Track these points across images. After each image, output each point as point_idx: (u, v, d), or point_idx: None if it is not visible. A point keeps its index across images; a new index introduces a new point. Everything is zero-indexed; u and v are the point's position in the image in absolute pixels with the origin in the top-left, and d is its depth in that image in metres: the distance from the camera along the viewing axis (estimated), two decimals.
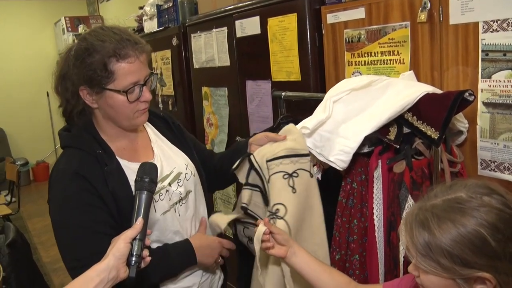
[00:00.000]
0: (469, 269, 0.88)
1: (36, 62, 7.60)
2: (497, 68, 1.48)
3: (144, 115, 1.44)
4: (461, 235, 0.88)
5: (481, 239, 0.87)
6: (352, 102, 1.51)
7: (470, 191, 0.94)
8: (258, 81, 2.50)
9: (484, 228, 0.87)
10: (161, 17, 3.68)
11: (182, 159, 1.59)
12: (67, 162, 1.38)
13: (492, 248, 0.87)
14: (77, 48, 1.35)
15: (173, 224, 1.50)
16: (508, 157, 1.50)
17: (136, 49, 1.34)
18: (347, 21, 1.95)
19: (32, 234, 5.41)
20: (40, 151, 7.79)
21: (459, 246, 0.88)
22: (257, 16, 2.39)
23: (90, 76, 1.32)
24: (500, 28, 1.44)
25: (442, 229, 0.90)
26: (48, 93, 7.67)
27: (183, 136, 1.68)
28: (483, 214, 0.89)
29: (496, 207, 0.90)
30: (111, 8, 6.98)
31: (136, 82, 1.36)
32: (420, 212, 0.95)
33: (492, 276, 0.87)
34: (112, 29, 1.37)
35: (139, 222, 1.16)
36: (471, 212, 0.90)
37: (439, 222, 0.91)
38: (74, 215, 1.31)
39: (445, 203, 0.94)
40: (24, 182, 7.21)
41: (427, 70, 1.68)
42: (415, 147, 1.45)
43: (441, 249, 0.90)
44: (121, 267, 1.11)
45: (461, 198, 0.93)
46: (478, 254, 0.87)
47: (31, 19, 7.58)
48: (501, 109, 1.49)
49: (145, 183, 1.22)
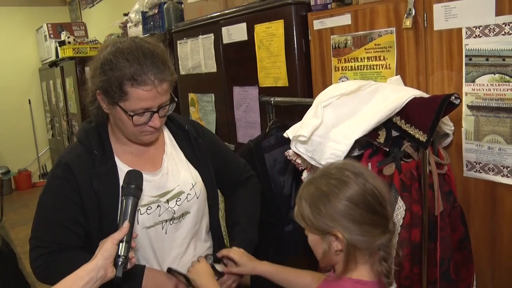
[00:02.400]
0: (326, 226, 1.08)
1: (18, 69, 7.49)
2: (480, 73, 1.52)
3: (151, 135, 1.43)
4: (313, 200, 1.10)
5: (326, 202, 1.08)
6: (341, 106, 1.54)
7: (338, 169, 1.13)
8: (245, 87, 2.52)
9: (332, 195, 1.07)
10: (146, 24, 3.69)
11: (191, 177, 1.54)
12: (68, 152, 1.47)
13: (337, 210, 1.06)
14: (106, 55, 1.34)
15: (156, 241, 1.47)
16: (492, 159, 1.55)
17: (156, 78, 1.31)
18: (333, 27, 1.98)
19: (16, 244, 5.32)
20: (22, 159, 7.66)
21: (314, 209, 1.09)
22: (244, 23, 2.42)
23: (106, 88, 1.33)
24: (482, 34, 1.49)
25: (306, 196, 1.12)
26: (30, 100, 7.59)
27: (201, 153, 1.60)
28: (336, 185, 1.08)
29: (347, 181, 1.09)
30: (94, 14, 6.94)
31: (148, 108, 1.34)
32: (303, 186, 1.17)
33: (341, 233, 1.06)
34: (142, 48, 1.33)
35: (125, 225, 1.23)
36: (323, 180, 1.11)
37: (306, 191, 1.13)
38: (49, 201, 1.42)
39: (315, 178, 1.15)
40: (6, 191, 7.09)
41: (413, 75, 1.72)
42: (404, 150, 1.48)
43: (306, 211, 1.10)
44: (108, 267, 1.18)
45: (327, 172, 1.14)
46: (329, 214, 1.07)
47: (12, 26, 7.48)
48: (484, 112, 1.54)
49: (131, 189, 1.28)
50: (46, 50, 6.86)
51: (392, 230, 1.09)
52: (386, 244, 1.09)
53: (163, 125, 1.48)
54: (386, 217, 1.08)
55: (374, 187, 1.08)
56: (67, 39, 5.54)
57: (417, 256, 1.47)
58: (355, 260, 1.09)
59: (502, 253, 1.59)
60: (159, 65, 1.32)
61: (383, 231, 1.07)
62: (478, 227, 1.64)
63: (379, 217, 1.07)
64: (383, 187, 1.10)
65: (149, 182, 1.45)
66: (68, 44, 5.54)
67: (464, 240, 1.59)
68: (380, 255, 1.09)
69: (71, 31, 6.48)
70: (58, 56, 6.06)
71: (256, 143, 2.01)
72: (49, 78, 6.64)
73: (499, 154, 1.53)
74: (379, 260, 1.09)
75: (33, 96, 7.66)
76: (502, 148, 1.51)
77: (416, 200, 1.46)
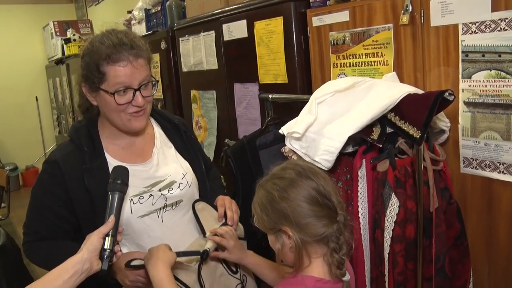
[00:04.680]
0: (275, 224, 1.12)
1: (25, 67, 7.56)
2: (476, 69, 1.52)
3: (138, 120, 1.47)
4: (262, 201, 1.15)
5: (271, 202, 1.12)
6: (336, 103, 1.54)
7: (281, 169, 1.18)
8: (246, 84, 2.53)
9: (276, 194, 1.12)
10: (149, 21, 3.70)
11: (181, 168, 1.60)
12: (58, 150, 1.54)
13: (282, 207, 1.10)
14: (84, 48, 1.45)
15: (152, 229, 1.50)
16: (489, 155, 1.54)
17: (130, 54, 1.38)
18: (332, 24, 1.98)
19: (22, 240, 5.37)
20: (30, 156, 7.73)
21: (264, 210, 1.14)
22: (244, 20, 2.42)
23: (86, 75, 1.41)
24: (479, 30, 1.48)
25: (257, 200, 1.17)
26: (37, 97, 7.65)
27: (192, 146, 1.69)
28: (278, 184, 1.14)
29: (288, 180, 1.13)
30: (100, 12, 6.97)
31: (127, 85, 1.39)
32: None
33: (289, 229, 1.10)
34: (117, 33, 1.43)
35: (111, 220, 1.26)
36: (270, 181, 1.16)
37: (257, 196, 1.18)
38: (38, 195, 1.51)
39: (263, 182, 1.19)
40: (14, 188, 7.15)
41: (410, 71, 1.72)
42: (398, 146, 1.48)
43: (259, 214, 1.16)
44: (94, 260, 1.20)
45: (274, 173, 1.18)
46: (275, 213, 1.12)
47: (19, 24, 7.54)
48: (481, 108, 1.53)
49: (117, 184, 1.31)
50: (53, 48, 6.92)
51: (341, 221, 1.12)
52: (336, 235, 1.11)
53: (150, 107, 1.52)
54: (331, 208, 1.11)
55: (315, 181, 1.12)
56: (72, 36, 5.59)
57: (411, 252, 1.47)
58: (308, 255, 1.13)
59: (499, 250, 1.59)
60: (132, 44, 1.40)
61: (330, 222, 1.10)
62: (474, 224, 1.63)
63: (323, 208, 1.10)
64: (326, 180, 1.15)
65: (140, 173, 1.50)
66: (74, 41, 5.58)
67: (460, 237, 1.58)
68: (331, 247, 1.11)
69: (77, 29, 6.52)
70: (64, 54, 6.11)
71: (250, 139, 2.01)
72: (56, 75, 6.69)
73: (496, 151, 1.52)
74: (330, 251, 1.12)
75: (40, 94, 7.72)
76: (498, 144, 1.51)
77: (411, 196, 1.46)
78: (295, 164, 1.19)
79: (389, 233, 1.43)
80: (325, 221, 1.10)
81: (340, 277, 1.13)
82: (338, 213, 1.12)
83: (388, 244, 1.44)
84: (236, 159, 1.99)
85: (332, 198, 1.12)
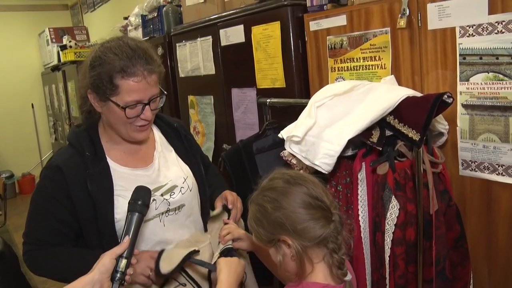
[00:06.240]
0: (273, 235, 1.12)
1: (21, 74, 7.54)
2: (474, 71, 1.53)
3: (142, 132, 1.47)
4: (256, 216, 1.15)
5: (265, 214, 1.13)
6: (335, 107, 1.54)
7: (269, 180, 1.19)
8: (244, 88, 2.53)
9: (269, 206, 1.12)
10: (146, 27, 3.70)
11: (182, 172, 1.59)
12: (59, 155, 1.50)
13: (277, 217, 1.11)
14: (94, 54, 1.40)
15: (156, 233, 1.50)
16: (487, 157, 1.55)
17: (145, 69, 1.36)
18: (329, 28, 1.99)
19: (19, 247, 5.30)
20: (26, 163, 7.69)
21: (259, 224, 1.15)
22: (241, 25, 2.43)
23: (97, 84, 1.37)
24: (476, 33, 1.49)
25: (251, 215, 1.18)
26: (33, 104, 7.62)
27: (192, 150, 1.68)
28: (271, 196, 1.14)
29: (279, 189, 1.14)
30: (96, 18, 6.97)
31: (139, 100, 1.38)
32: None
33: (288, 237, 1.10)
34: (129, 44, 1.38)
35: (126, 240, 1.23)
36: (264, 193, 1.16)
37: (250, 212, 1.18)
38: (39, 201, 1.48)
39: (254, 197, 1.19)
40: (10, 195, 7.13)
41: (408, 75, 1.72)
42: (398, 149, 1.49)
43: (256, 229, 1.16)
44: (105, 281, 1.17)
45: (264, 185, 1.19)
46: (271, 224, 1.12)
47: (15, 31, 7.52)
48: (479, 111, 1.54)
49: (138, 205, 1.28)
50: (48, 55, 6.90)
51: (337, 220, 1.12)
52: (334, 235, 1.12)
53: (153, 118, 1.51)
54: (325, 209, 1.12)
55: (305, 186, 1.13)
56: (68, 43, 5.57)
57: (412, 255, 1.47)
58: (310, 261, 1.13)
59: (498, 251, 1.59)
60: (147, 58, 1.38)
61: (327, 222, 1.11)
62: (474, 226, 1.64)
63: (317, 210, 1.11)
64: (315, 183, 1.16)
65: (142, 178, 1.50)
66: (70, 48, 5.57)
67: (460, 239, 1.59)
68: (330, 248, 1.12)
69: (73, 35, 6.51)
70: (60, 60, 6.09)
71: (246, 143, 2.01)
72: (52, 82, 6.68)
73: (494, 153, 1.53)
74: (330, 252, 1.12)
75: (36, 100, 7.70)
76: (496, 146, 1.52)
77: (411, 199, 1.46)
78: (282, 172, 1.19)
79: (390, 236, 1.43)
80: (322, 222, 1.10)
81: (342, 277, 1.13)
82: (333, 212, 1.13)
83: (389, 247, 1.44)
84: (232, 163, 2.00)
85: (324, 199, 1.13)
